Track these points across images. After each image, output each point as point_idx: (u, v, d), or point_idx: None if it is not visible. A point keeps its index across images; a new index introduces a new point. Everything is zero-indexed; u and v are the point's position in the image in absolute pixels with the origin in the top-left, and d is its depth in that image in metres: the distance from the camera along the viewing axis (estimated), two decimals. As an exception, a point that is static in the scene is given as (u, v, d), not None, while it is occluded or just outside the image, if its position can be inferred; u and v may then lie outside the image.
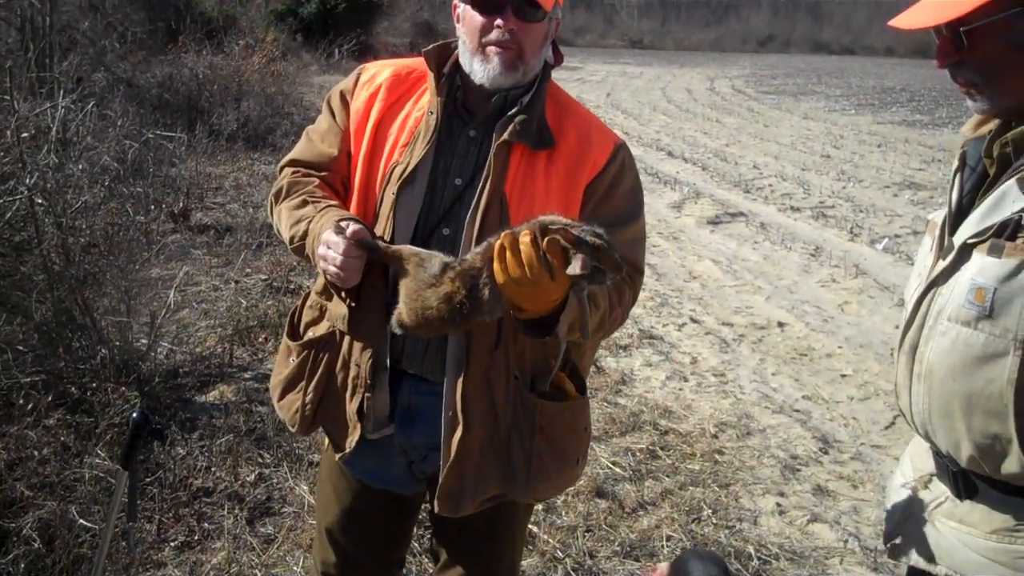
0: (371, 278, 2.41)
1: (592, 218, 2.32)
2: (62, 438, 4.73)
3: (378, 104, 2.53)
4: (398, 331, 2.32)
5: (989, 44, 1.92)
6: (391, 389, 2.53)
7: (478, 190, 2.39)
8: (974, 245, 1.95)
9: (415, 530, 4.16)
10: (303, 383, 2.61)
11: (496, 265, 2.09)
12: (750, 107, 27.16)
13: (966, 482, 2.06)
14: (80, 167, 6.73)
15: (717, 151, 17.72)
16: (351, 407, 2.53)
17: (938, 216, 2.16)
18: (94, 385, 5.12)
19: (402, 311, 2.27)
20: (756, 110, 26.36)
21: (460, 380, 2.42)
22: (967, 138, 2.16)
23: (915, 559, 2.17)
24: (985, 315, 1.90)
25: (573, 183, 2.44)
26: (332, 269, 2.32)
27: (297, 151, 2.67)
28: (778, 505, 4.86)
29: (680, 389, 6.41)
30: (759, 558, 4.36)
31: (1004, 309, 1.88)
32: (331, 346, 2.57)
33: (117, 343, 5.35)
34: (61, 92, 8.47)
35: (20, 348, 5.16)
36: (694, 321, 7.91)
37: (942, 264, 2.03)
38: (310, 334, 2.63)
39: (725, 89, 33.59)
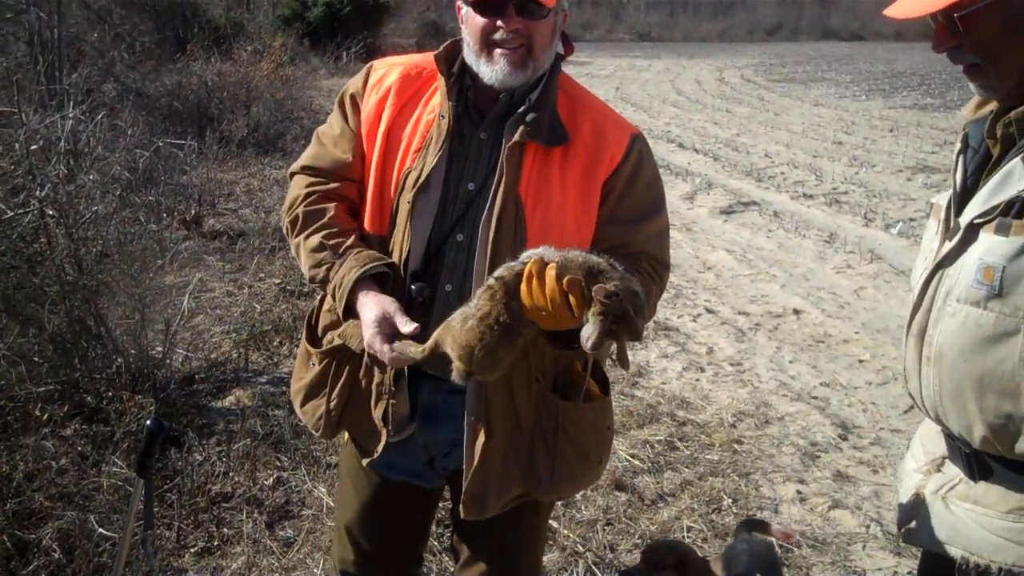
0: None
1: (614, 215, 2.39)
2: (79, 448, 4.74)
3: (388, 109, 2.49)
4: (462, 382, 2.25)
5: (983, 28, 1.91)
6: (411, 388, 2.54)
7: (491, 193, 2.37)
8: (981, 225, 1.94)
9: (434, 528, 4.16)
10: (326, 389, 2.61)
11: (523, 287, 2.08)
12: (760, 96, 27.07)
13: (980, 463, 2.04)
14: (91, 177, 6.74)
15: (728, 141, 17.66)
16: (376, 413, 2.54)
17: (942, 198, 2.14)
18: (110, 394, 5.12)
19: (457, 363, 2.19)
20: (766, 99, 26.26)
21: (483, 386, 2.42)
22: (967, 120, 2.15)
23: (930, 542, 2.15)
24: (995, 294, 1.88)
25: (590, 181, 2.43)
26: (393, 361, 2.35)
27: (309, 156, 2.63)
28: (799, 492, 4.84)
29: (697, 380, 6.38)
30: (781, 546, 4.33)
31: (1013, 287, 1.86)
32: (353, 353, 2.55)
33: (132, 351, 5.36)
34: (71, 104, 8.49)
35: (35, 359, 5.18)
36: (709, 311, 7.88)
37: (948, 245, 2.01)
38: (329, 341, 2.61)
39: (734, 79, 33.49)
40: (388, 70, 2.55)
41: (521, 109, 2.39)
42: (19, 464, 4.51)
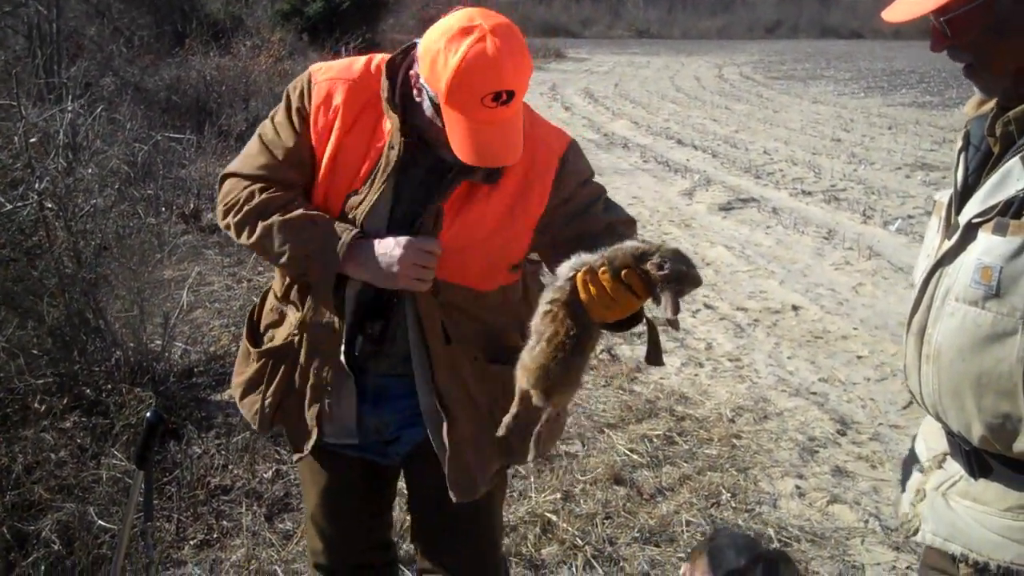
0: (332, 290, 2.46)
1: (567, 215, 2.46)
2: (78, 440, 4.74)
3: (336, 131, 2.44)
4: (549, 407, 2.28)
5: (971, 31, 1.91)
6: (362, 378, 2.58)
7: (424, 211, 2.41)
8: (979, 224, 1.93)
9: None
10: (262, 387, 2.66)
11: (584, 296, 2.13)
12: (759, 93, 27.09)
13: (979, 461, 2.04)
14: (90, 171, 6.74)
15: (727, 138, 17.67)
16: (309, 413, 2.59)
17: (944, 196, 2.14)
18: (109, 387, 5.12)
19: (535, 390, 2.24)
20: (765, 96, 26.28)
21: (431, 379, 2.49)
22: (969, 117, 2.15)
23: (930, 538, 2.15)
24: (992, 294, 1.88)
25: (521, 205, 2.45)
26: (424, 277, 2.37)
27: (255, 167, 2.53)
28: (797, 487, 4.84)
29: (696, 375, 6.39)
30: (780, 540, 4.34)
31: (1011, 288, 1.86)
32: (290, 354, 2.61)
33: (131, 344, 5.36)
34: (69, 97, 8.49)
35: (34, 352, 5.18)
36: (708, 307, 7.88)
37: (948, 244, 2.00)
38: (269, 340, 2.67)
39: (733, 76, 33.51)
40: (332, 85, 2.47)
41: None
42: (18, 456, 4.51)
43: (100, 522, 4.08)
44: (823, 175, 13.73)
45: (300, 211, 2.43)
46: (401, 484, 2.96)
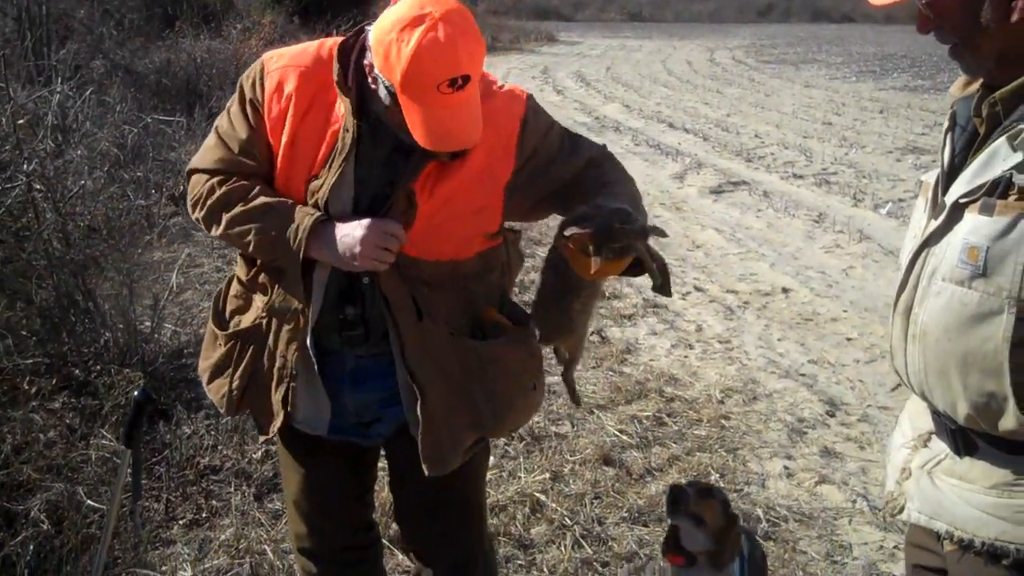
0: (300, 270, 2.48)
1: (539, 169, 2.53)
2: (67, 420, 4.74)
3: (290, 118, 2.44)
4: (565, 355, 2.65)
5: (950, 13, 1.93)
6: (333, 362, 2.61)
7: (392, 194, 2.43)
8: (966, 204, 1.94)
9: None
10: (229, 370, 2.68)
11: (573, 266, 2.33)
12: (751, 77, 27.06)
13: (965, 439, 2.05)
14: (79, 153, 6.73)
15: (718, 121, 17.65)
16: (276, 396, 2.61)
17: (931, 177, 2.15)
18: (98, 368, 5.12)
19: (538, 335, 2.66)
20: (757, 80, 26.26)
21: (401, 356, 2.50)
22: (955, 97, 2.16)
23: (915, 516, 2.17)
24: (979, 274, 1.89)
25: (491, 171, 2.47)
26: (384, 259, 2.39)
27: (214, 160, 2.55)
28: (786, 468, 4.86)
29: (686, 356, 6.40)
30: (768, 520, 4.36)
31: (997, 267, 1.86)
32: (256, 337, 2.62)
33: (120, 326, 5.35)
34: (59, 79, 8.46)
35: (23, 333, 5.18)
36: (698, 289, 7.89)
37: (934, 224, 2.01)
38: (236, 324, 2.68)
39: (725, 60, 33.47)
40: (284, 73, 2.47)
41: None
42: (7, 436, 4.51)
43: (89, 502, 4.09)
44: (814, 159, 13.73)
45: (261, 199, 2.44)
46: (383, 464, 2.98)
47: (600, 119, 17.79)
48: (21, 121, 5.93)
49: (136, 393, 2.86)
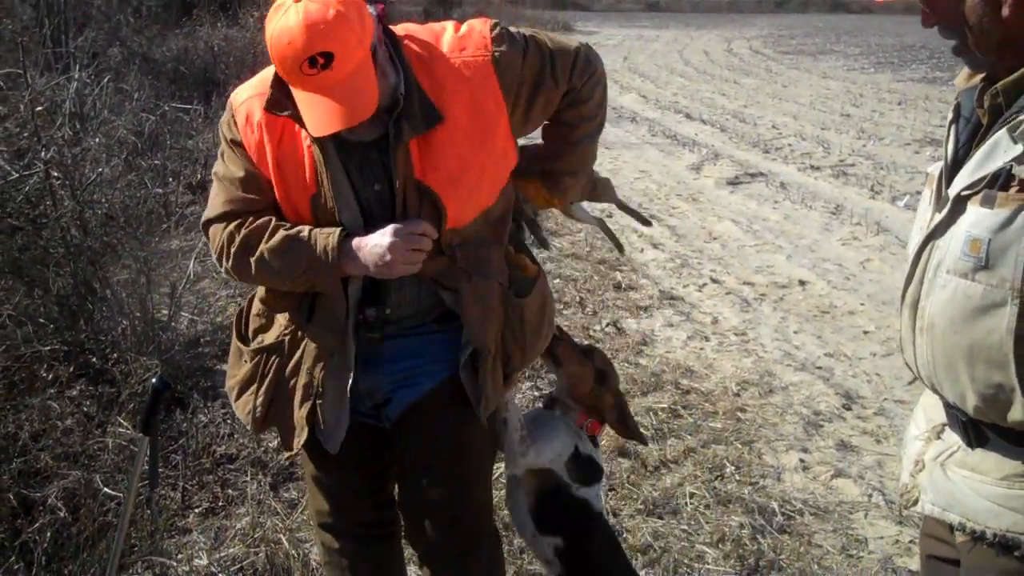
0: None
1: (530, 95, 2.56)
2: (85, 408, 4.76)
3: (268, 145, 2.45)
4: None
5: (946, 8, 1.94)
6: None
7: (396, 191, 2.44)
8: (968, 197, 1.94)
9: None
10: (255, 386, 2.69)
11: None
12: (768, 68, 26.98)
13: (976, 431, 2.05)
14: (97, 140, 6.75)
15: (735, 112, 17.61)
16: (300, 413, 2.63)
17: (936, 169, 2.15)
18: (115, 356, 5.13)
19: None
20: (774, 70, 26.18)
21: (474, 321, 2.62)
22: (960, 88, 2.15)
23: (929, 508, 2.16)
24: (982, 266, 1.89)
25: (484, 125, 2.48)
26: (416, 260, 2.44)
27: (222, 204, 2.55)
28: (801, 461, 4.84)
29: (701, 349, 6.38)
30: (783, 513, 4.35)
31: (999, 259, 1.86)
32: (281, 352, 2.64)
33: (137, 314, 5.36)
34: (76, 67, 8.47)
35: (41, 320, 5.20)
36: (715, 281, 7.87)
37: (939, 217, 2.01)
38: (259, 342, 2.69)
39: (743, 50, 33.37)
40: (250, 105, 2.47)
41: (394, 113, 2.37)
42: (25, 424, 4.54)
43: (106, 489, 4.10)
44: (832, 150, 13.67)
45: (280, 233, 2.46)
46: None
47: (617, 109, 17.74)
48: (39, 108, 5.94)
49: (154, 381, 2.86)
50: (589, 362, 2.94)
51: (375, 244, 2.38)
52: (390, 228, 2.38)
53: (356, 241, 2.42)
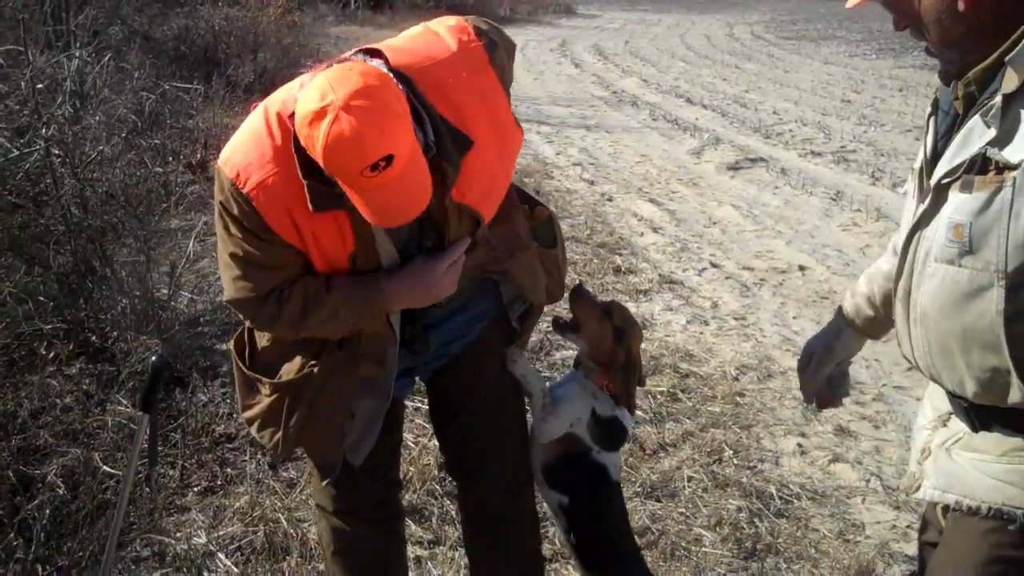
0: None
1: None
2: (84, 386, 4.78)
3: (301, 225, 2.36)
4: None
5: (906, 9, 2.00)
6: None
7: (433, 213, 2.44)
8: (949, 184, 1.97)
9: (436, 472, 4.20)
10: (281, 421, 2.65)
11: None
12: (770, 53, 26.89)
13: (979, 416, 2.06)
14: (97, 119, 6.74)
15: (736, 97, 17.56)
16: (334, 445, 2.69)
17: (919, 162, 2.17)
18: (115, 334, 5.15)
19: None
20: (776, 56, 26.09)
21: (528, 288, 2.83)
22: (939, 83, 2.18)
23: (930, 493, 2.18)
24: (966, 251, 1.91)
25: (503, 134, 2.54)
26: (456, 281, 2.54)
27: (251, 290, 2.45)
28: (799, 446, 4.86)
29: (701, 333, 6.39)
30: (781, 498, 4.36)
31: (982, 243, 1.88)
32: (310, 386, 2.60)
33: (137, 293, 5.37)
34: (77, 45, 8.45)
35: (41, 299, 5.20)
36: (714, 266, 7.87)
37: (923, 207, 2.04)
38: (280, 375, 2.64)
39: (744, 35, 33.26)
40: (268, 190, 2.32)
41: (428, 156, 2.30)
42: (25, 401, 4.55)
43: (105, 467, 4.12)
44: (832, 136, 13.65)
45: (327, 302, 2.45)
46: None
47: (618, 93, 17.71)
48: (40, 86, 5.94)
49: (154, 359, 2.86)
50: (608, 320, 2.92)
51: (419, 281, 2.47)
52: (428, 264, 2.48)
53: (398, 284, 2.47)
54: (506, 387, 2.91)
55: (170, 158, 8.70)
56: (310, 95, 2.09)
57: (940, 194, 1.99)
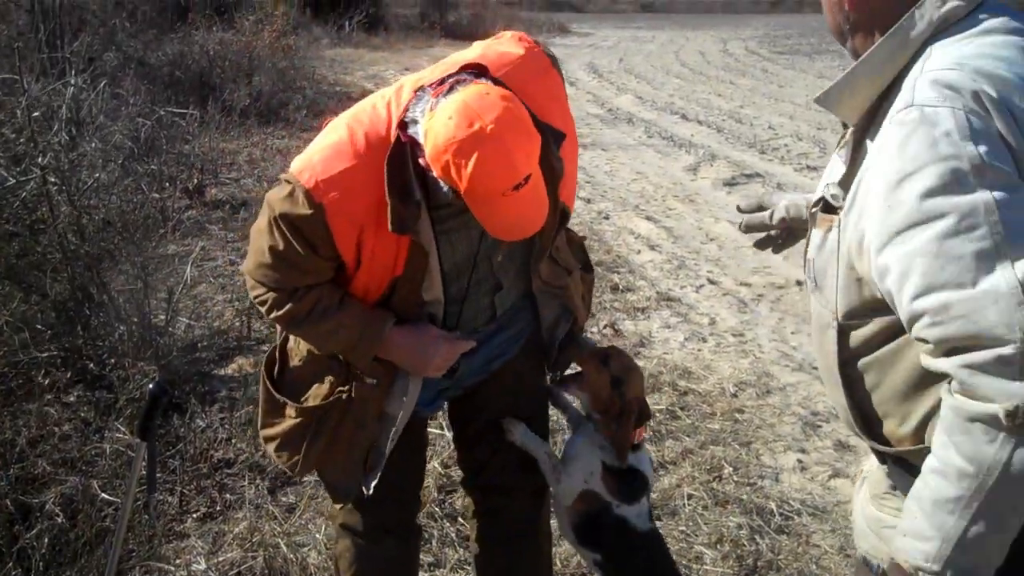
0: None
1: None
2: (82, 414, 4.77)
3: (367, 241, 2.38)
4: None
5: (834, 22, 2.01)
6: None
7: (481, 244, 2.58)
8: (815, 216, 1.95)
9: (435, 495, 4.20)
10: (304, 445, 2.67)
11: None
12: (764, 68, 26.96)
13: (874, 450, 2.03)
14: (93, 146, 6.75)
15: (732, 113, 17.60)
16: (358, 463, 2.72)
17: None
18: (112, 361, 5.14)
19: None
20: (770, 71, 26.16)
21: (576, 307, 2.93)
22: None
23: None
24: (815, 286, 1.91)
25: (573, 128, 2.71)
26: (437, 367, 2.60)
27: (277, 282, 2.49)
28: (799, 461, 4.85)
29: (699, 350, 6.39)
30: (781, 514, 4.35)
31: (823, 280, 1.89)
32: (334, 412, 2.64)
33: (135, 319, 5.36)
34: (72, 72, 8.47)
35: (38, 326, 5.20)
36: (712, 282, 7.88)
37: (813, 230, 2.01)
38: (307, 399, 2.66)
39: (738, 51, 33.35)
40: (345, 207, 2.33)
41: None
42: (22, 430, 4.54)
43: (103, 495, 4.10)
44: (828, 151, 13.60)
45: (335, 319, 2.49)
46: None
47: (613, 111, 17.74)
48: (36, 114, 5.95)
49: (151, 386, 2.85)
50: (606, 369, 2.89)
51: (421, 350, 2.54)
52: (439, 341, 2.55)
53: (400, 338, 2.53)
54: (544, 405, 3.07)
55: (167, 184, 8.71)
56: (455, 122, 2.10)
57: (812, 224, 1.98)
